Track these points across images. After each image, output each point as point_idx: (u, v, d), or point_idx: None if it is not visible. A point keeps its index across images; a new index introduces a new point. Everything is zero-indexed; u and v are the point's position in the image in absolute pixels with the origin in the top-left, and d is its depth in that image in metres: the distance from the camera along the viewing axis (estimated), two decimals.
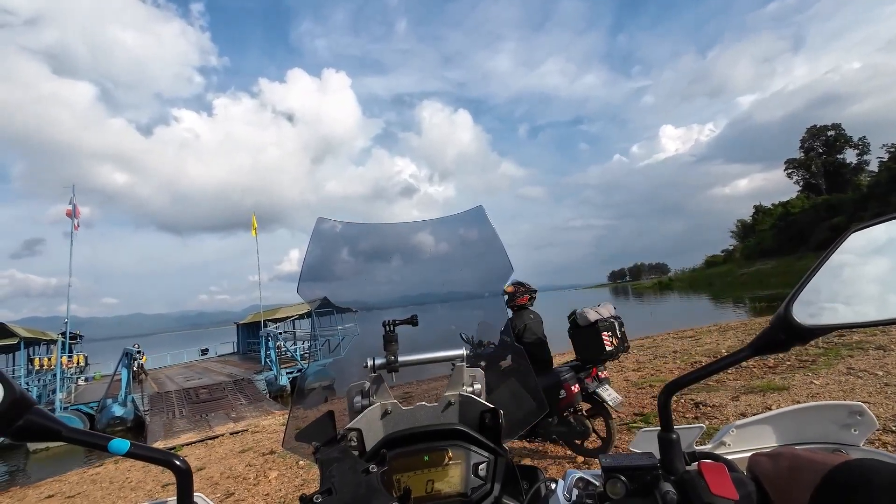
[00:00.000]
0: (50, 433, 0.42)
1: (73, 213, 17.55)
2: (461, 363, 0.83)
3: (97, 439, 0.45)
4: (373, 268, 1.00)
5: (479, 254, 1.02)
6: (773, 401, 4.82)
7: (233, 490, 5.27)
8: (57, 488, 6.99)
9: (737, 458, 0.52)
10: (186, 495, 0.47)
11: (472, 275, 1.02)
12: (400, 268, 1.00)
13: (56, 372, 16.18)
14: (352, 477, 0.58)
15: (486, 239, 0.99)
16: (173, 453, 0.48)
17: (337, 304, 1.05)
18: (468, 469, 0.73)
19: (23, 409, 0.40)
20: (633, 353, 10.18)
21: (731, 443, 0.64)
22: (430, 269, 0.99)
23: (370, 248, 0.99)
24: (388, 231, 1.05)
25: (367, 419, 0.77)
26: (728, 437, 0.65)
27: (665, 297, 60.35)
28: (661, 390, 0.54)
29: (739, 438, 0.65)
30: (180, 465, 0.47)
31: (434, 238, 0.99)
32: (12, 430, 0.40)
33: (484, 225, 1.00)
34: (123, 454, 0.45)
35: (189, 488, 0.47)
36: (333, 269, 0.95)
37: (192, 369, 23.05)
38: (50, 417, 0.42)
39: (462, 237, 1.02)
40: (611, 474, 0.53)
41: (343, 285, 0.98)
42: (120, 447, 0.44)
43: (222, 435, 9.15)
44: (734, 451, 0.64)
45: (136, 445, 0.46)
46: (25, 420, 0.40)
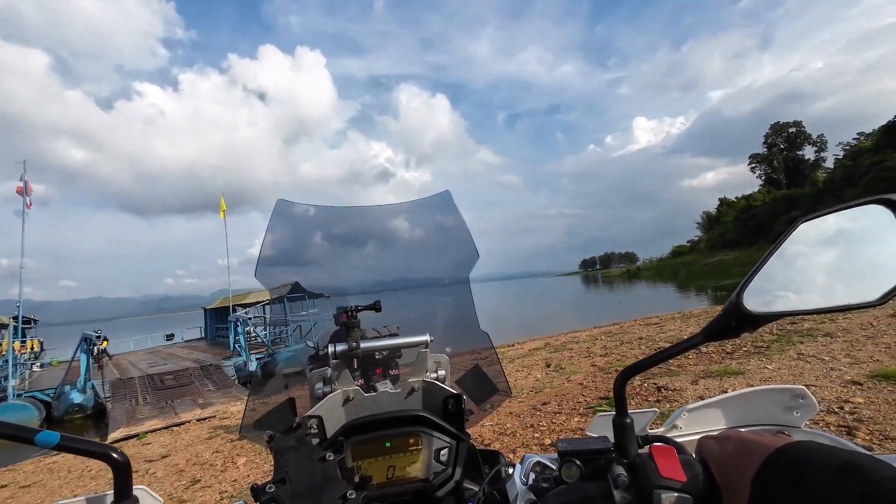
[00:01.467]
0: None
1: (24, 190, 16.50)
2: (425, 349, 0.83)
3: (21, 432, 0.41)
4: (335, 252, 0.97)
5: (445, 239, 1.01)
6: (730, 384, 5.07)
7: (199, 477, 5.18)
8: (10, 478, 6.70)
9: (687, 441, 0.53)
10: (125, 489, 0.45)
11: (437, 260, 1.01)
12: (364, 252, 0.98)
13: (8, 358, 15.36)
14: (308, 465, 0.57)
15: (453, 224, 0.98)
16: (109, 445, 0.45)
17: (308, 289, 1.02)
18: (430, 455, 0.73)
19: None
20: (600, 339, 10.50)
21: (683, 426, 0.66)
22: (396, 254, 0.97)
23: (333, 232, 0.97)
24: (352, 214, 1.03)
25: (327, 406, 0.75)
26: (680, 420, 0.67)
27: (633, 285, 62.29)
28: (617, 376, 0.55)
29: (690, 422, 0.67)
30: (117, 457, 0.44)
31: (400, 222, 0.97)
32: None
33: (450, 210, 0.99)
34: (53, 447, 0.42)
35: (128, 481, 0.45)
36: (294, 254, 0.92)
37: (156, 355, 22.34)
38: None
39: (428, 222, 1.01)
40: (566, 458, 0.53)
41: (305, 270, 0.95)
42: (49, 440, 0.41)
43: (189, 422, 8.95)
44: (685, 434, 0.66)
45: (66, 437, 0.43)
46: None
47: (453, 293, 0.97)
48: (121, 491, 0.45)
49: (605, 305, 33.81)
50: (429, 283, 1.00)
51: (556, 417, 5.08)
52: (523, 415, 5.34)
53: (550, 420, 5.03)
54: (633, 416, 0.55)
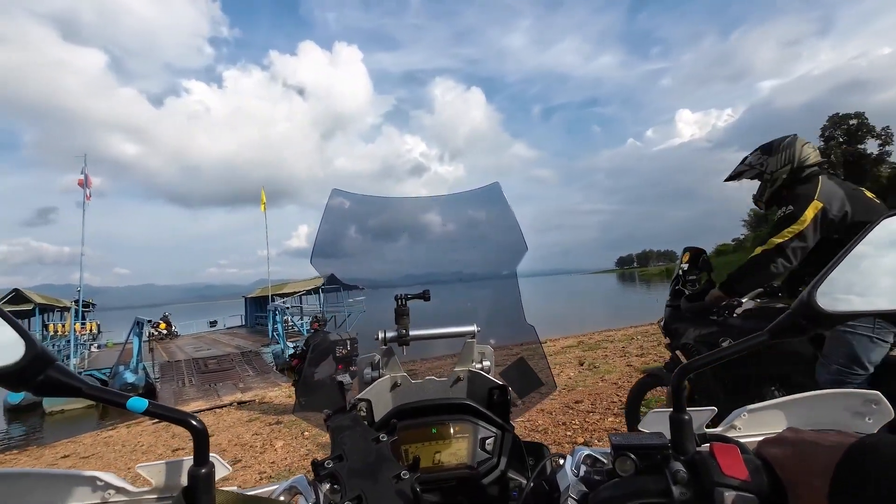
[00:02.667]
0: (70, 389, 0.42)
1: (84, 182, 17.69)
2: (472, 339, 0.84)
3: (116, 397, 0.45)
4: (386, 242, 1.00)
5: (493, 231, 1.01)
6: None
7: (240, 457, 5.44)
8: (72, 449, 7.26)
9: (747, 443, 0.52)
10: (203, 454, 0.48)
11: (485, 252, 1.02)
12: (413, 243, 1.00)
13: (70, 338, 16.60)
14: (362, 444, 0.59)
15: (502, 216, 0.98)
16: (190, 413, 0.49)
17: (349, 281, 1.05)
18: (475, 443, 0.74)
19: (44, 364, 0.40)
20: (637, 339, 10.21)
21: (742, 427, 0.64)
22: (444, 246, 0.98)
23: (384, 223, 0.99)
24: (402, 205, 1.05)
25: (376, 390, 0.78)
26: (739, 420, 0.64)
27: None
28: (675, 372, 0.54)
29: (750, 423, 0.64)
30: (196, 424, 0.47)
31: (449, 214, 0.98)
32: (34, 384, 0.40)
33: (499, 202, 0.99)
34: (142, 412, 0.45)
35: (205, 448, 0.48)
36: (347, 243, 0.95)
37: (201, 340, 23.52)
38: (71, 374, 0.42)
39: (477, 214, 1.01)
40: (620, 452, 0.53)
41: (356, 260, 0.98)
42: (138, 405, 0.45)
43: (230, 404, 9.39)
44: (744, 435, 0.63)
45: (154, 404, 0.46)
46: (46, 375, 0.41)
47: (500, 285, 0.97)
48: (199, 456, 0.48)
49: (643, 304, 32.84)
50: (476, 274, 1.01)
51: (590, 416, 5.00)
52: (555, 412, 5.29)
53: (583, 419, 4.95)
54: (691, 414, 0.53)
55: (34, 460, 7.06)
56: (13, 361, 0.39)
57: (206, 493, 0.48)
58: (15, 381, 0.40)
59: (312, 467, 0.55)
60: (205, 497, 0.47)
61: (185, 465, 0.56)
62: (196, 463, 0.48)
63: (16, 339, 0.39)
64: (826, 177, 2.21)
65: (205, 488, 0.48)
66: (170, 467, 0.57)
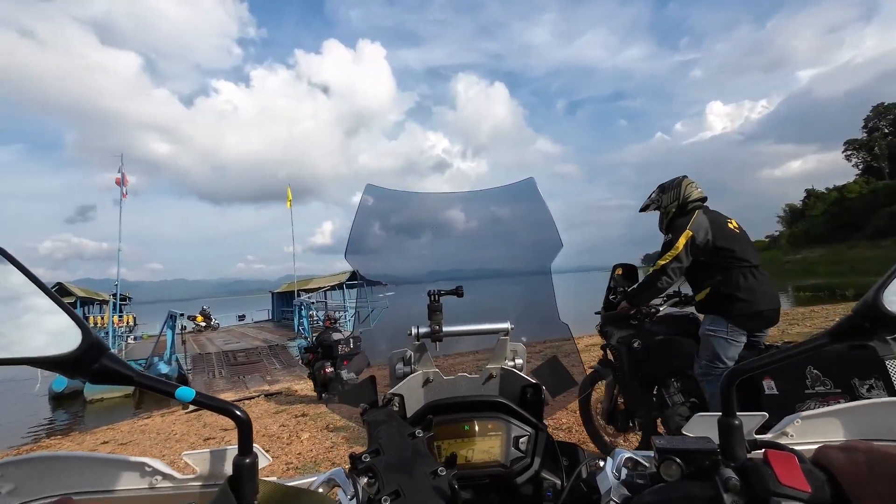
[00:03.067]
0: (123, 377, 0.44)
1: (121, 181, 18.43)
2: (505, 337, 0.83)
3: (165, 386, 0.47)
4: (419, 238, 0.99)
5: (527, 228, 0.99)
6: None
7: (268, 448, 5.58)
8: (111, 436, 7.60)
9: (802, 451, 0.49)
10: (247, 444, 0.49)
11: (519, 249, 1.00)
12: (446, 239, 0.99)
13: (108, 330, 17.39)
14: (398, 440, 0.59)
15: (536, 212, 0.96)
16: (234, 404, 0.50)
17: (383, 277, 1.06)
18: (508, 441, 0.73)
19: (99, 353, 0.42)
20: None
21: (795, 434, 0.61)
22: (477, 242, 0.97)
23: (417, 218, 0.99)
24: (436, 201, 1.04)
25: (408, 386, 0.78)
26: (791, 427, 0.61)
27: None
28: (725, 375, 0.51)
29: (804, 430, 0.61)
30: (241, 415, 0.48)
31: (483, 210, 0.97)
32: (90, 371, 0.42)
33: (534, 198, 0.97)
34: (189, 402, 0.46)
35: (249, 438, 0.49)
36: (380, 239, 0.95)
37: (230, 333, 24.24)
38: (123, 363, 0.44)
39: (511, 210, 1.00)
40: (666, 456, 0.51)
41: (389, 256, 0.98)
42: (186, 395, 0.46)
43: (258, 396, 9.64)
44: (797, 443, 0.60)
45: (200, 395, 0.47)
46: (101, 364, 0.42)
47: (534, 282, 0.96)
48: (243, 446, 0.49)
49: None
50: (509, 271, 1.00)
51: None
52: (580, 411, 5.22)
53: None
54: (741, 419, 0.51)
55: (76, 445, 7.42)
56: (71, 349, 0.40)
57: (250, 483, 0.49)
58: (72, 368, 0.41)
59: (350, 460, 0.55)
60: (248, 486, 0.48)
61: (228, 454, 0.57)
62: (241, 453, 0.49)
63: (73, 327, 0.41)
64: (702, 211, 2.78)
65: (249, 478, 0.49)
66: (214, 456, 0.59)
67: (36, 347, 0.39)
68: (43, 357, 0.39)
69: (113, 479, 0.57)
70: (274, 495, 0.51)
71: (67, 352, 0.40)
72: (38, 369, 0.42)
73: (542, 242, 0.94)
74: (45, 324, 0.40)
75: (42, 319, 0.40)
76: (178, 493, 0.59)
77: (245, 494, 0.48)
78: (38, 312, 0.40)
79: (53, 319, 0.40)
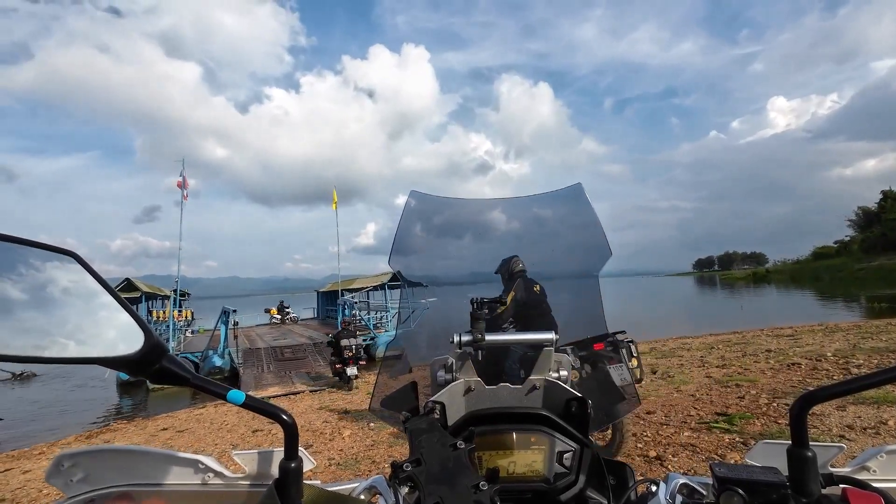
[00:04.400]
0: (180, 379, 0.46)
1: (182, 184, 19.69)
2: (549, 347, 0.80)
3: (218, 388, 0.49)
4: (463, 244, 0.98)
5: (574, 235, 0.96)
6: (891, 416, 4.21)
7: (311, 443, 5.76)
8: (170, 423, 8.13)
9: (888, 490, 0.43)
10: (293, 448, 0.50)
11: (566, 256, 0.97)
12: (489, 245, 0.98)
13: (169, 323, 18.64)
14: (440, 450, 0.58)
15: (584, 219, 0.92)
16: (281, 408, 0.51)
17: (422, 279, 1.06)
18: (552, 456, 0.71)
19: (159, 355, 0.44)
20: (717, 348, 9.42)
21: (878, 470, 0.54)
22: (523, 249, 0.95)
23: (462, 224, 0.98)
24: (480, 207, 1.02)
25: (450, 394, 0.77)
26: (874, 462, 0.54)
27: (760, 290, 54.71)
28: (797, 400, 0.47)
29: (890, 465, 0.54)
30: (287, 419, 0.49)
31: (528, 216, 0.94)
32: (150, 372, 0.45)
33: (582, 204, 0.94)
34: (240, 405, 0.48)
35: (295, 442, 0.50)
36: (424, 245, 0.95)
37: (278, 330, 25.29)
38: (181, 365, 0.46)
39: (558, 216, 0.97)
40: (727, 486, 0.47)
41: (432, 262, 0.97)
42: (237, 398, 0.48)
43: (303, 392, 9.98)
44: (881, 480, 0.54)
45: (250, 398, 0.49)
46: (161, 365, 0.45)
47: (581, 291, 0.92)
48: (290, 450, 0.50)
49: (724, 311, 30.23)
50: (555, 278, 0.97)
51: (663, 429, 4.68)
52: (625, 422, 5.02)
53: (656, 431, 4.66)
54: (815, 450, 0.46)
55: (140, 430, 8.00)
56: (135, 350, 0.43)
57: (296, 486, 0.50)
58: (135, 368, 0.44)
59: (392, 468, 0.55)
60: (294, 489, 0.49)
61: (275, 455, 0.59)
62: (287, 457, 0.50)
63: (136, 329, 0.43)
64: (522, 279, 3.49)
65: (294, 481, 0.50)
66: (262, 457, 0.61)
67: (104, 348, 0.42)
68: (110, 357, 0.42)
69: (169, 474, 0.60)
70: (317, 500, 0.52)
71: (132, 352, 0.42)
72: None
73: (590, 250, 0.90)
74: (112, 325, 0.42)
75: (110, 321, 0.42)
76: (227, 490, 0.61)
77: (290, 497, 0.49)
78: (106, 314, 0.42)
79: (119, 321, 0.43)
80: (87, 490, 0.58)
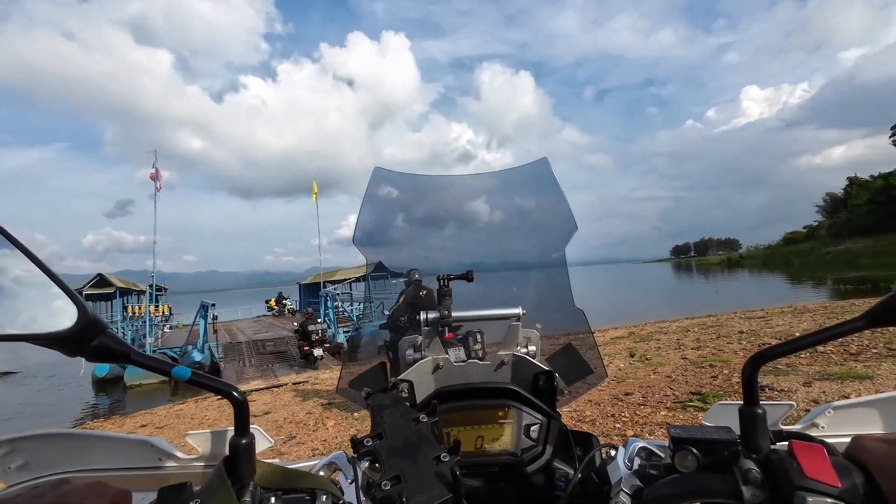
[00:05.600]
0: (120, 355, 0.44)
1: (155, 176, 19.09)
2: (516, 323, 0.80)
3: (162, 365, 0.47)
4: (429, 222, 0.97)
5: (541, 210, 0.96)
6: (853, 389, 4.41)
7: (295, 434, 5.73)
8: (149, 420, 7.97)
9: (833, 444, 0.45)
10: (243, 425, 0.49)
11: (532, 232, 0.97)
12: (457, 223, 0.97)
13: (145, 319, 18.19)
14: (403, 424, 0.58)
15: (550, 194, 0.92)
16: (232, 385, 0.49)
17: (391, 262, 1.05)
18: (519, 429, 0.71)
19: (97, 331, 0.42)
20: (693, 331, 9.68)
21: (826, 426, 0.56)
22: (489, 225, 0.95)
23: (428, 202, 0.96)
24: (446, 184, 1.01)
25: (418, 372, 0.77)
26: (822, 418, 0.57)
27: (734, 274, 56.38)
28: (748, 360, 0.48)
29: (837, 421, 0.56)
30: (238, 396, 0.48)
31: (494, 192, 0.94)
32: (88, 349, 0.42)
33: (548, 179, 0.94)
34: (186, 380, 0.46)
35: (245, 419, 0.49)
36: (389, 223, 0.94)
37: (259, 323, 24.96)
38: (120, 341, 0.44)
39: (524, 191, 0.96)
40: (681, 446, 0.48)
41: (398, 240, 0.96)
42: (183, 373, 0.46)
43: (286, 384, 9.90)
44: (829, 435, 0.56)
45: (196, 374, 0.47)
46: (99, 341, 0.42)
47: (547, 267, 0.92)
48: (240, 427, 0.49)
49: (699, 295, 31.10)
50: (522, 255, 0.96)
51: (640, 409, 4.81)
52: (603, 403, 5.14)
53: (633, 411, 4.78)
54: (765, 408, 0.47)
55: (117, 427, 7.83)
56: (68, 327, 0.40)
57: (247, 463, 0.48)
58: (71, 345, 0.42)
59: (352, 444, 0.55)
60: (245, 467, 0.48)
61: (229, 434, 0.57)
62: (237, 433, 0.49)
63: (70, 306, 0.41)
64: (414, 285, 3.57)
65: (245, 458, 0.48)
66: (215, 437, 0.59)
67: (34, 324, 0.40)
68: (41, 334, 0.40)
69: (119, 458, 0.58)
70: (272, 476, 0.51)
71: (64, 328, 0.40)
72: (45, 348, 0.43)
73: (557, 225, 0.90)
74: (43, 301, 0.40)
75: (40, 297, 0.40)
76: (180, 472, 0.59)
77: (241, 475, 0.47)
78: (36, 290, 0.40)
79: (51, 298, 0.40)
80: (29, 478, 0.56)
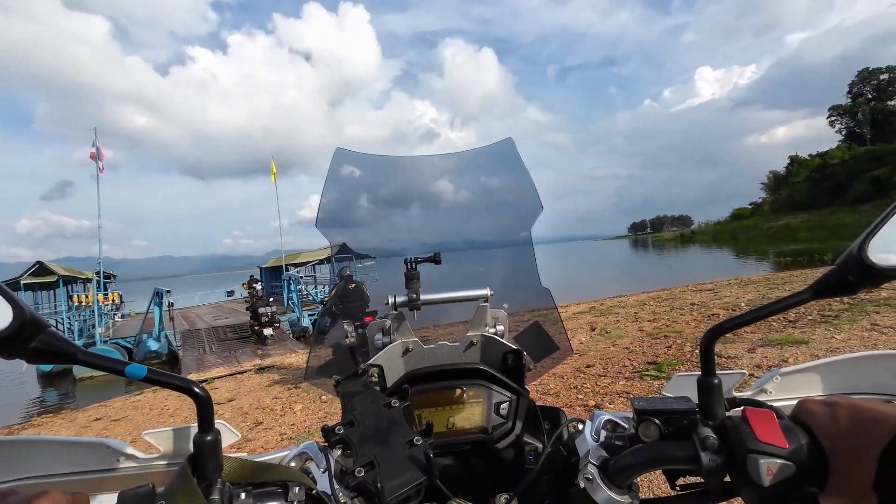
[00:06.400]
0: (65, 355, 0.40)
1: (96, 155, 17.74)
2: (484, 304, 0.81)
3: (113, 364, 0.43)
4: (394, 204, 0.95)
5: (506, 190, 0.96)
6: (791, 354, 4.80)
7: (261, 419, 5.65)
8: (103, 412, 7.61)
9: (781, 407, 0.48)
10: (207, 421, 0.47)
11: (498, 212, 0.97)
12: (422, 204, 0.96)
13: (94, 308, 17.19)
14: (374, 410, 0.58)
15: (515, 174, 0.92)
16: (192, 380, 0.47)
17: (356, 246, 1.02)
18: (489, 408, 0.73)
19: (36, 330, 0.38)
20: (648, 304, 10.18)
21: (774, 391, 0.61)
22: (455, 206, 0.94)
23: (392, 183, 0.94)
24: (411, 164, 0.99)
25: (387, 356, 0.76)
26: (771, 384, 0.61)
27: (686, 250, 59.39)
28: (705, 333, 0.50)
29: (784, 386, 0.61)
30: (199, 392, 0.46)
31: (460, 172, 0.93)
32: (27, 350, 0.38)
33: (513, 159, 0.93)
34: (141, 379, 0.43)
35: (209, 415, 0.47)
36: (353, 205, 0.91)
37: (219, 309, 24.15)
38: (64, 340, 0.40)
39: (489, 172, 0.96)
40: (644, 416, 0.50)
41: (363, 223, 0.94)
42: (137, 372, 0.43)
43: (250, 370, 9.69)
44: (777, 400, 0.60)
45: (153, 371, 0.44)
46: (39, 341, 0.38)
47: (514, 247, 0.93)
48: (203, 423, 0.47)
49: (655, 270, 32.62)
50: (489, 236, 0.97)
51: (601, 380, 5.05)
52: (566, 376, 5.36)
53: (595, 382, 5.01)
54: (720, 377, 0.50)
55: (69, 423, 7.44)
56: (2, 328, 0.36)
57: (213, 460, 0.46)
58: (7, 348, 0.38)
59: (323, 433, 0.54)
60: (211, 464, 0.46)
61: (192, 431, 0.55)
62: (201, 430, 0.47)
63: (3, 305, 0.37)
64: (345, 280, 4.71)
65: (211, 455, 0.46)
66: (177, 434, 0.57)
67: None
68: None
69: (72, 462, 0.54)
70: (240, 472, 0.49)
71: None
72: None
73: (522, 205, 0.91)
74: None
75: None
76: (140, 472, 0.57)
77: (206, 472, 0.46)
78: None
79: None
80: None
